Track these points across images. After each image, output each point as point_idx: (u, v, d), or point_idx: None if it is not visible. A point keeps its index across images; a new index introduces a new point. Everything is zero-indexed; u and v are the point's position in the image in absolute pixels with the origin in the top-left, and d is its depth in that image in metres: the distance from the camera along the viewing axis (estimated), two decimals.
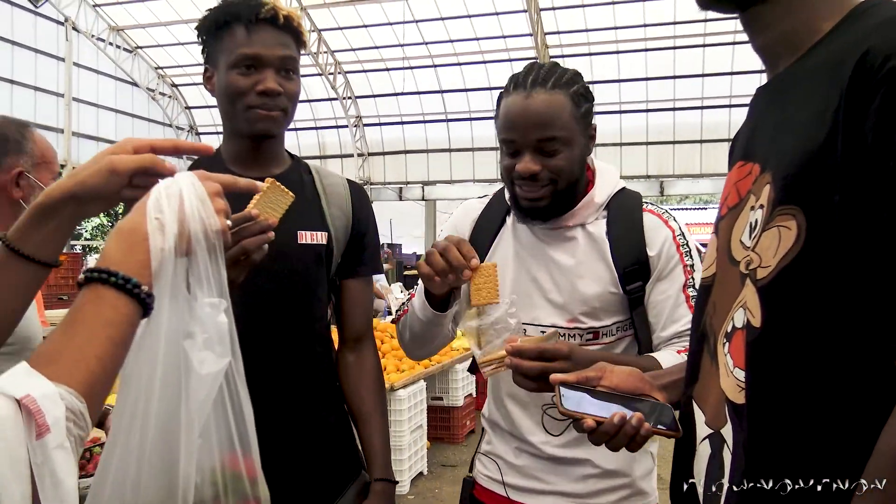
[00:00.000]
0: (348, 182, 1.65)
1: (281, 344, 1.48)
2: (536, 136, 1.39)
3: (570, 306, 1.49)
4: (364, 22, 16.19)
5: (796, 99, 0.81)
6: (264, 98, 1.43)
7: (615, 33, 15.38)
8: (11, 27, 14.66)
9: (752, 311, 0.78)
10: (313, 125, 19.10)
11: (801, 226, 0.73)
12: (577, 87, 1.45)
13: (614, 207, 1.52)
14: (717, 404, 0.85)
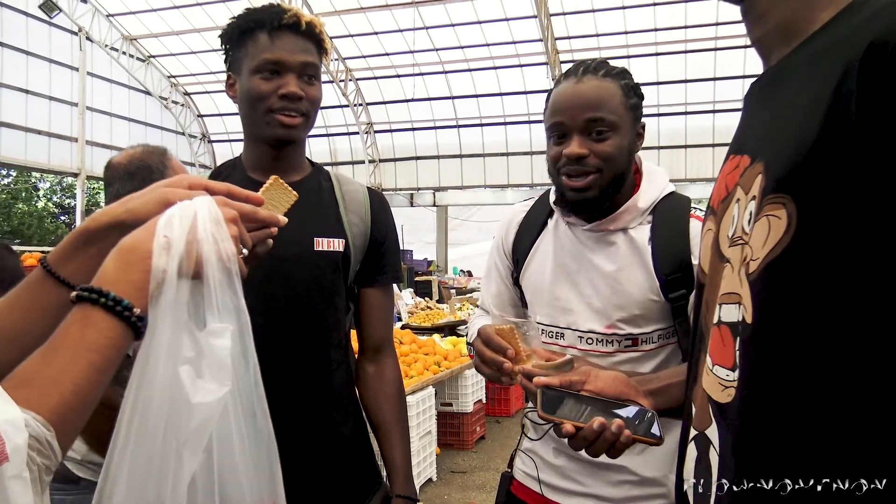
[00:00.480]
0: (368, 190, 1.64)
1: (296, 351, 1.47)
2: (586, 117, 1.38)
3: (608, 312, 1.45)
4: (375, 29, 16.25)
5: (790, 88, 0.78)
6: (286, 102, 1.43)
7: (626, 38, 15.35)
8: (26, 38, 14.85)
9: (745, 307, 0.75)
10: (325, 132, 19.18)
11: (792, 215, 0.70)
12: (628, 80, 1.44)
13: (660, 212, 1.47)
14: (702, 405, 0.84)
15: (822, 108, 0.69)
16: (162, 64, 18.36)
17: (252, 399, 0.82)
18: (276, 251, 1.43)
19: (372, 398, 1.60)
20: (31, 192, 27.40)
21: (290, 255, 1.46)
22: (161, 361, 0.72)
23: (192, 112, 19.78)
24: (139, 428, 0.71)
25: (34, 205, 27.15)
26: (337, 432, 1.53)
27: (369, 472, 1.60)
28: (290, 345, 1.47)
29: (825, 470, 0.67)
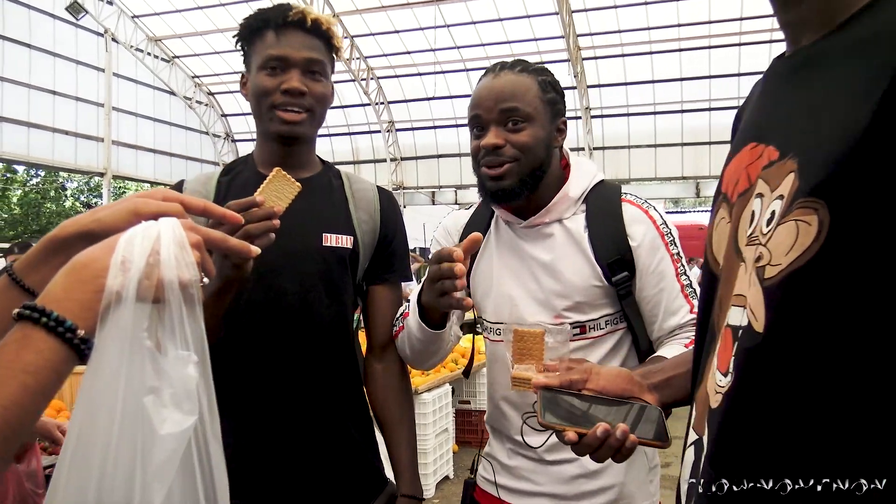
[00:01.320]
0: (378, 188, 1.64)
1: (302, 346, 1.47)
2: (500, 108, 1.43)
3: (552, 302, 1.47)
4: (396, 27, 16.27)
5: (829, 78, 0.71)
6: (288, 97, 1.44)
7: (648, 34, 15.21)
8: (53, 40, 15.08)
9: (754, 313, 0.71)
10: (346, 131, 19.26)
11: (824, 222, 0.64)
12: (546, 77, 1.48)
13: (592, 200, 1.51)
14: (702, 409, 0.80)
15: (870, 108, 0.63)
16: (186, 64, 18.54)
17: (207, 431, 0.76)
18: (284, 245, 1.44)
19: (378, 396, 1.60)
20: (59, 191, 27.85)
21: (298, 250, 1.47)
22: (116, 388, 0.67)
23: (215, 112, 19.95)
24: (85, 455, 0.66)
25: (62, 204, 27.58)
26: (342, 430, 1.52)
27: (375, 471, 1.59)
28: (296, 339, 1.47)
29: (825, 470, 0.66)
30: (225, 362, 1.48)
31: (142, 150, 17.77)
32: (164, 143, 18.48)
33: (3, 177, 25.67)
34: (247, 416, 1.46)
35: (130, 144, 17.35)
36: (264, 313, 1.46)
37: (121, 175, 17.78)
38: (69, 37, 15.49)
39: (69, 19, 14.99)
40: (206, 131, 19.92)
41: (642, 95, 15.82)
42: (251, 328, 1.46)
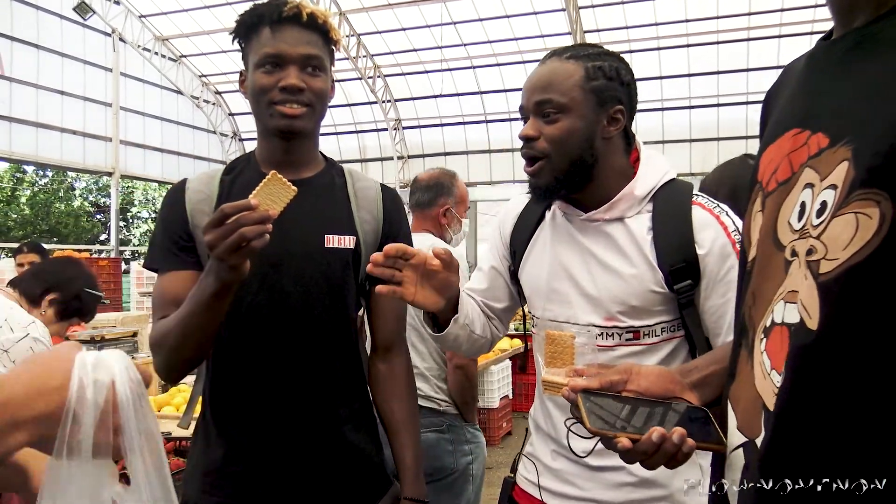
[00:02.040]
0: (381, 186, 1.62)
1: (305, 348, 1.46)
2: (535, 99, 1.39)
3: (606, 304, 1.40)
4: (402, 25, 16.23)
5: (887, 61, 0.68)
6: (286, 94, 1.42)
7: (656, 30, 15.12)
8: (62, 40, 15.12)
9: (807, 310, 0.67)
10: (353, 129, 19.24)
11: (886, 215, 0.61)
12: (599, 63, 1.39)
13: (660, 200, 1.41)
14: (751, 409, 0.76)
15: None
16: (193, 63, 18.56)
17: None
18: (285, 247, 1.44)
19: (383, 397, 1.58)
20: (68, 191, 27.97)
21: (300, 251, 1.46)
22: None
23: (223, 111, 19.97)
24: None
25: (71, 204, 27.70)
26: (347, 431, 1.51)
27: (380, 473, 1.57)
28: (299, 342, 1.46)
29: (827, 470, 0.64)
30: (228, 365, 1.47)
31: (150, 150, 17.80)
32: (172, 142, 18.51)
33: (12, 177, 25.78)
34: (250, 418, 1.45)
35: (138, 144, 17.38)
36: (267, 316, 1.45)
37: (129, 175, 17.83)
38: (77, 37, 15.52)
39: (77, 19, 15.01)
40: (213, 130, 19.93)
41: (650, 91, 15.73)
42: (254, 331, 1.45)
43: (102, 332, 4.14)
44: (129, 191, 29.03)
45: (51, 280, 2.57)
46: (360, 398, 1.57)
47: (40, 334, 2.23)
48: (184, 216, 1.48)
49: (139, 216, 30.55)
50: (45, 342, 2.23)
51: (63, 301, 2.58)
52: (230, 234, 1.15)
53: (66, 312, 2.61)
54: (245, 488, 1.45)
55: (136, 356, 4.22)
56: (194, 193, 1.50)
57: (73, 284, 2.61)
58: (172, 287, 1.43)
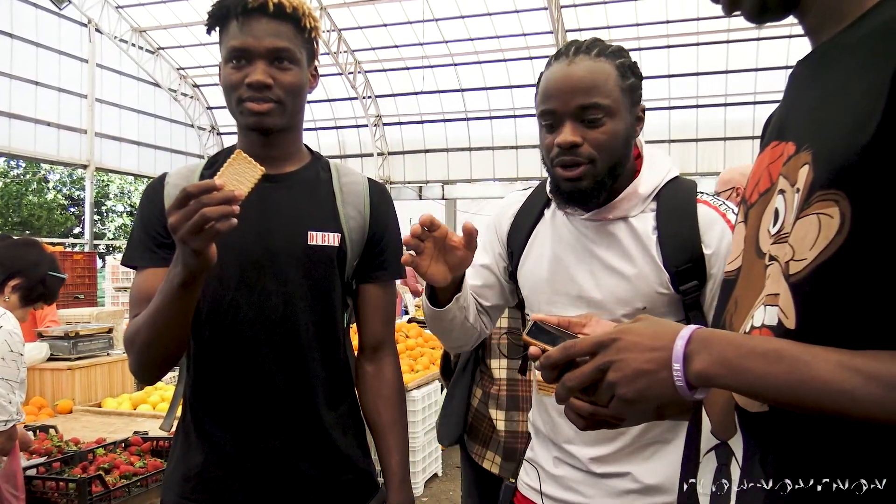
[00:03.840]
0: (369, 181, 1.56)
1: (289, 349, 1.41)
2: (578, 103, 1.28)
3: (610, 306, 1.35)
4: (384, 21, 16.19)
5: (841, 69, 0.70)
6: (252, 91, 1.35)
7: (637, 30, 15.23)
8: (36, 29, 14.87)
9: (784, 311, 0.69)
10: (333, 125, 19.15)
11: (846, 214, 0.63)
12: (624, 60, 1.34)
13: (664, 199, 1.37)
14: (724, 412, 0.77)
15: (884, 92, 0.62)
16: (171, 56, 18.35)
17: None
18: (266, 244, 1.39)
19: (370, 399, 1.54)
20: (41, 183, 27.54)
21: (282, 249, 1.41)
22: None
23: (201, 104, 19.77)
24: None
25: (44, 196, 27.28)
26: (332, 435, 1.47)
27: (366, 478, 1.54)
28: (282, 342, 1.41)
29: (826, 470, 0.64)
30: (208, 367, 1.43)
31: (126, 143, 17.58)
32: (149, 135, 18.29)
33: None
34: (231, 421, 1.41)
35: (114, 136, 17.15)
36: (247, 317, 1.40)
37: (104, 167, 17.59)
38: (52, 27, 15.28)
39: (52, 9, 14.78)
40: (191, 124, 19.73)
41: None
42: (234, 333, 1.40)
43: (77, 327, 4.05)
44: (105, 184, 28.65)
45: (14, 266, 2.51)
46: (346, 401, 1.52)
47: (13, 325, 2.18)
48: (162, 212, 1.41)
49: (114, 210, 30.16)
50: (18, 333, 2.18)
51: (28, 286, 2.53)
52: (192, 214, 1.09)
53: (30, 297, 2.56)
54: (225, 494, 1.41)
55: (112, 352, 4.15)
56: (173, 188, 1.44)
57: (38, 268, 2.56)
58: (149, 284, 1.38)
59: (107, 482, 2.43)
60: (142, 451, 2.81)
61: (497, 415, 2.44)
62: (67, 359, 3.83)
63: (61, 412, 3.60)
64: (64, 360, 3.83)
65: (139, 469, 2.61)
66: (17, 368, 2.13)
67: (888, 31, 0.65)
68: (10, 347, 2.11)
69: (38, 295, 2.58)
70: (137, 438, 2.89)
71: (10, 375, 2.10)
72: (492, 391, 2.43)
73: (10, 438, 2.13)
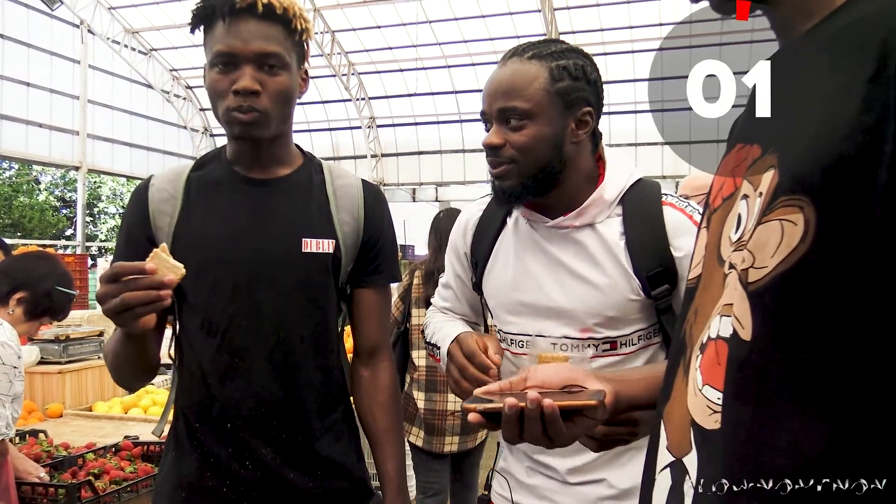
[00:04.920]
0: (363, 183, 1.52)
1: (283, 357, 1.39)
2: (498, 105, 1.28)
3: (580, 316, 1.32)
4: (377, 23, 16.18)
5: (811, 70, 0.68)
6: (240, 98, 1.29)
7: (630, 32, 15.26)
8: (28, 30, 14.80)
9: (740, 321, 0.66)
10: (327, 126, 19.13)
11: (810, 221, 0.60)
12: (563, 62, 1.29)
13: (629, 203, 1.34)
14: (681, 427, 0.74)
15: (856, 94, 0.59)
16: (164, 57, 18.30)
17: None
18: (260, 252, 1.36)
19: (365, 405, 1.51)
20: (33, 185, 27.40)
21: (277, 257, 1.38)
22: None
23: (193, 106, 19.72)
24: None
25: (35, 198, 27.14)
26: (326, 443, 1.44)
27: (360, 485, 1.51)
28: (276, 351, 1.38)
29: (825, 470, 0.62)
30: (200, 375, 1.40)
31: (118, 144, 17.51)
32: (141, 136, 18.23)
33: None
34: (223, 429, 1.39)
35: (106, 138, 17.08)
36: (240, 324, 1.37)
37: (96, 169, 17.52)
38: (44, 27, 15.22)
39: (44, 9, 14.72)
40: (183, 125, 19.68)
41: (623, 94, 15.85)
42: (227, 340, 1.38)
43: (67, 330, 4.02)
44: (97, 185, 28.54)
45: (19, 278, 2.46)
46: (339, 407, 1.50)
47: (7, 338, 2.13)
48: (145, 218, 1.39)
49: (106, 211, 30.04)
50: (13, 346, 2.13)
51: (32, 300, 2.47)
52: (116, 294, 1.09)
53: (35, 312, 2.50)
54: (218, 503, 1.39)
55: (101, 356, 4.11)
56: (157, 192, 1.41)
57: (44, 282, 2.51)
58: None
59: (96, 488, 2.40)
60: (132, 456, 2.78)
61: (419, 395, 3.19)
62: (58, 362, 3.80)
63: (51, 416, 3.56)
64: (54, 363, 3.80)
65: (129, 474, 2.58)
66: (9, 381, 2.08)
67: (859, 30, 0.63)
68: (2, 360, 2.07)
69: (44, 309, 2.52)
70: (128, 443, 2.86)
71: (2, 389, 2.06)
72: (414, 376, 3.19)
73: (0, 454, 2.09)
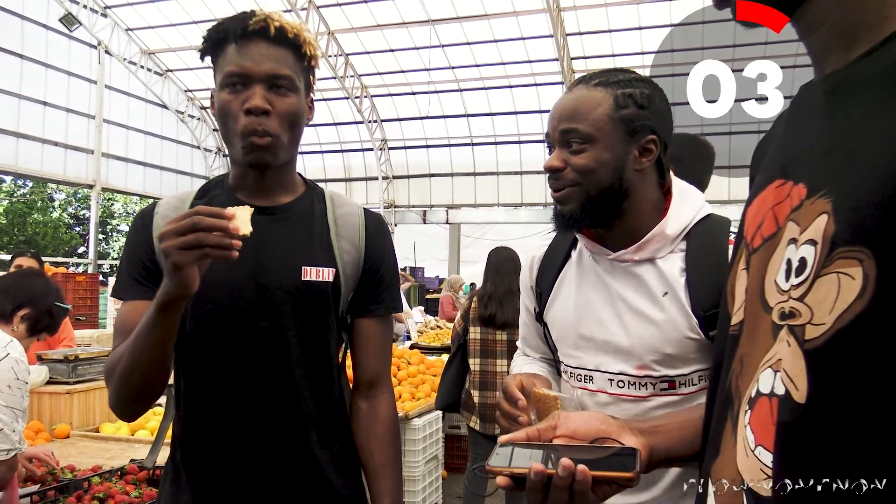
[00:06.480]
0: (364, 212, 1.51)
1: (282, 386, 1.37)
2: (560, 128, 1.31)
3: (638, 352, 1.30)
4: (391, 47, 16.30)
5: (864, 105, 0.62)
6: (251, 118, 1.30)
7: (642, 58, 15.30)
8: (46, 50, 15.01)
9: (793, 380, 0.62)
10: (339, 148, 19.24)
11: (869, 276, 0.56)
12: (629, 90, 1.30)
13: (694, 239, 1.32)
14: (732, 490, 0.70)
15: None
16: (179, 78, 18.49)
17: None
18: (259, 280, 1.36)
19: (363, 438, 1.49)
20: (47, 202, 27.63)
21: (277, 285, 1.37)
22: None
23: (207, 126, 19.87)
24: None
25: (49, 215, 27.35)
26: (327, 475, 1.43)
27: None
28: (274, 382, 1.37)
29: (812, 471, 0.60)
30: (199, 406, 1.39)
31: (132, 163, 17.65)
32: (155, 156, 18.37)
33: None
34: (222, 462, 1.37)
35: (121, 157, 17.22)
36: (239, 352, 1.36)
37: (110, 188, 17.65)
38: (62, 48, 15.42)
39: (63, 31, 14.92)
40: (197, 145, 19.82)
41: None
42: (225, 370, 1.36)
43: (76, 350, 4.02)
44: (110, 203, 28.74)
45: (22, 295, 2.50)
46: (340, 439, 1.48)
47: (20, 353, 2.16)
48: (149, 243, 1.38)
49: (118, 229, 30.22)
50: (24, 362, 2.16)
51: (35, 316, 2.51)
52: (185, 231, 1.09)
53: (37, 328, 2.54)
54: None
55: None
56: (162, 219, 1.39)
57: (46, 299, 2.55)
58: (132, 317, 1.32)
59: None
60: (137, 480, 2.76)
61: (474, 392, 4.29)
62: (66, 382, 3.79)
63: (59, 437, 3.56)
64: (63, 383, 3.79)
65: (134, 499, 2.56)
66: (21, 397, 2.11)
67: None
68: (17, 375, 2.10)
69: (45, 325, 2.56)
70: (133, 467, 2.85)
71: (15, 403, 2.08)
72: (470, 378, 4.35)
73: (10, 468, 2.09)
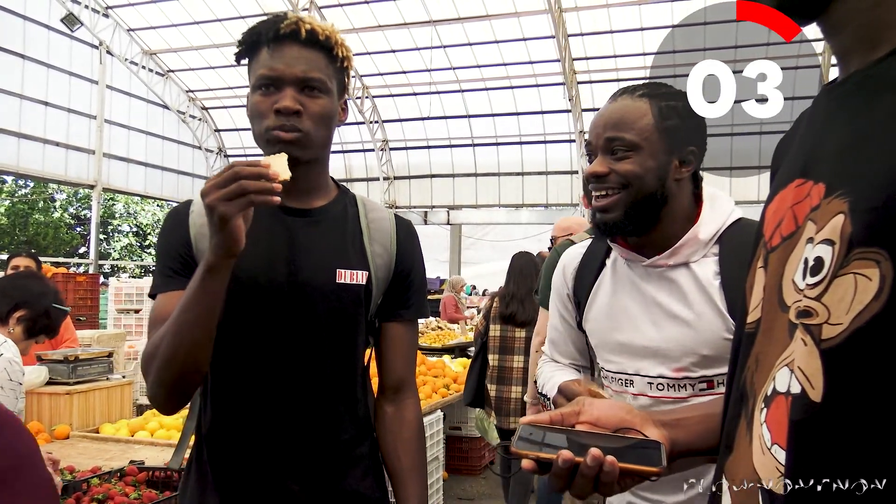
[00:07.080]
0: (396, 217, 1.53)
1: (311, 389, 1.38)
2: (606, 135, 1.34)
3: (674, 354, 1.34)
4: (392, 47, 16.31)
5: (885, 107, 0.63)
6: (281, 118, 1.31)
7: (644, 59, 15.30)
8: (48, 51, 15.03)
9: (809, 379, 0.62)
10: (340, 148, 19.25)
11: (886, 276, 0.56)
12: (673, 102, 1.36)
13: (727, 242, 1.36)
14: (747, 488, 0.70)
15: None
16: (180, 78, 18.51)
17: None
18: (295, 280, 1.36)
19: (389, 442, 1.49)
20: (48, 202, 27.65)
21: (312, 287, 1.37)
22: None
23: (209, 126, 19.90)
24: None
25: (50, 215, 27.38)
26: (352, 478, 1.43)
27: None
28: (305, 382, 1.38)
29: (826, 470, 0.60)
30: (229, 405, 1.39)
31: (133, 163, 17.67)
32: (156, 156, 18.39)
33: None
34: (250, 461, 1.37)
35: (122, 157, 17.25)
36: (270, 353, 1.36)
37: (111, 188, 17.66)
38: (63, 48, 15.44)
39: (64, 31, 14.94)
40: (198, 146, 19.84)
41: None
42: (256, 368, 1.37)
43: (77, 351, 4.01)
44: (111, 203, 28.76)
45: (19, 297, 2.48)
46: (365, 442, 1.47)
47: (13, 354, 2.15)
48: (186, 239, 1.38)
49: (119, 229, 30.24)
50: (19, 363, 2.15)
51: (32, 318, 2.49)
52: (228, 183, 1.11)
53: (34, 329, 2.52)
54: None
55: (111, 377, 4.10)
56: (199, 217, 1.38)
57: (42, 300, 2.52)
58: (168, 308, 1.30)
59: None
60: (137, 482, 2.75)
61: (491, 387, 4.43)
62: (66, 383, 3.78)
63: (58, 437, 3.54)
64: (62, 384, 3.78)
65: (134, 501, 2.55)
66: (15, 398, 2.10)
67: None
68: (10, 376, 2.09)
69: (42, 327, 2.54)
70: (133, 468, 2.83)
71: (9, 404, 2.07)
72: (489, 373, 4.46)
73: None
